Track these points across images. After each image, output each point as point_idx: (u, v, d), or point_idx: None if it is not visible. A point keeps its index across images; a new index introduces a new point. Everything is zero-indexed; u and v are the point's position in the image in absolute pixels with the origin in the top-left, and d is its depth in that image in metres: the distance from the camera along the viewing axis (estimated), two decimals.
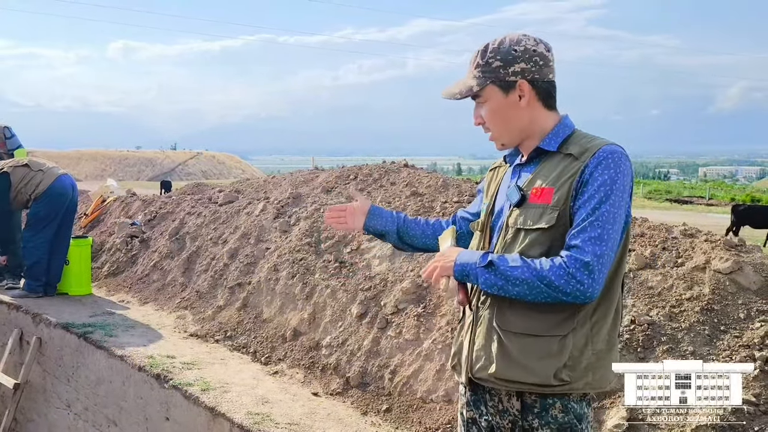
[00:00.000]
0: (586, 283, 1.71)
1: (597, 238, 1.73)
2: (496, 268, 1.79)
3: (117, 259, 7.24)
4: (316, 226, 5.54)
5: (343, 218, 2.32)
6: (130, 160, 45.61)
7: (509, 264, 1.78)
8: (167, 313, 5.79)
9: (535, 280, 1.74)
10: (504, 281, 1.78)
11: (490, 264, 1.80)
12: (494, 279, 1.79)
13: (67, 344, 5.26)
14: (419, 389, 3.87)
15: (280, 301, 5.07)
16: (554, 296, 1.74)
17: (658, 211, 19.17)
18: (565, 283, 1.72)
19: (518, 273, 1.76)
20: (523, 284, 1.75)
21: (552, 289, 1.73)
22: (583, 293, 1.72)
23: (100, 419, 4.90)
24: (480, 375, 1.90)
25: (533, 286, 1.75)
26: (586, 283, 1.71)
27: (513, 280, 1.76)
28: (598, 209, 1.75)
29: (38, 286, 6.22)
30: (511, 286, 1.77)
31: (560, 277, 1.72)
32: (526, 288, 1.75)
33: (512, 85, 1.88)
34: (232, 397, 4.00)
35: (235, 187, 7.72)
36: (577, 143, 1.87)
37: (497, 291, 1.80)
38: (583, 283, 1.71)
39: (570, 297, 1.73)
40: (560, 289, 1.72)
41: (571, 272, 1.71)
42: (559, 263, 1.73)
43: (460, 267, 1.87)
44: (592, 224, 1.74)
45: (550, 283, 1.73)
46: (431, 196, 5.53)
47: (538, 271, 1.74)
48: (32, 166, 6.29)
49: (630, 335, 3.37)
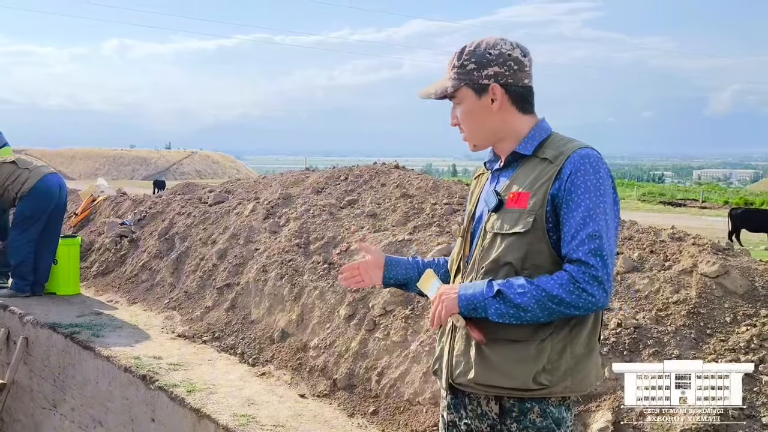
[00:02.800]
0: (598, 295, 1.71)
1: (598, 248, 1.73)
2: (504, 296, 1.75)
3: (106, 259, 7.21)
4: (306, 227, 5.53)
5: (358, 276, 2.18)
6: (124, 159, 45.55)
7: (517, 290, 1.75)
8: (155, 314, 5.76)
9: (545, 302, 1.72)
10: (515, 309, 1.75)
11: (499, 293, 1.76)
12: (505, 308, 1.76)
13: (53, 344, 5.22)
14: (406, 391, 3.85)
15: (268, 302, 5.05)
16: (566, 312, 1.74)
17: (651, 213, 19.24)
18: (576, 298, 1.71)
19: (527, 299, 1.73)
20: (535, 308, 1.73)
21: (564, 306, 1.72)
22: (595, 305, 1.73)
23: (87, 420, 4.87)
24: (460, 380, 1.90)
25: (545, 307, 1.73)
26: (597, 295, 1.71)
27: (524, 307, 1.74)
28: (589, 218, 1.74)
29: (26, 286, 6.18)
30: (523, 313, 1.74)
31: (571, 293, 1.71)
32: (538, 311, 1.73)
33: (485, 88, 1.88)
34: (218, 398, 3.98)
35: (226, 188, 7.70)
36: (552, 147, 1.86)
37: (508, 319, 1.76)
38: (594, 296, 1.71)
39: (582, 310, 1.74)
40: (572, 305, 1.72)
41: (582, 287, 1.71)
42: (567, 279, 1.72)
43: (466, 301, 1.81)
44: (590, 236, 1.73)
45: (561, 300, 1.72)
46: (421, 198, 5.52)
47: (547, 292, 1.72)
48: (19, 163, 6.25)
49: (616, 338, 3.36)
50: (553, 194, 1.79)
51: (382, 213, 5.44)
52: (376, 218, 5.38)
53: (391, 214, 5.36)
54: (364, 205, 5.69)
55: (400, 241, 4.80)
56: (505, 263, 1.82)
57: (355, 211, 5.62)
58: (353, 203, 5.80)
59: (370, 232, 5.14)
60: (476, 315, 1.81)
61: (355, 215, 5.52)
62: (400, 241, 4.80)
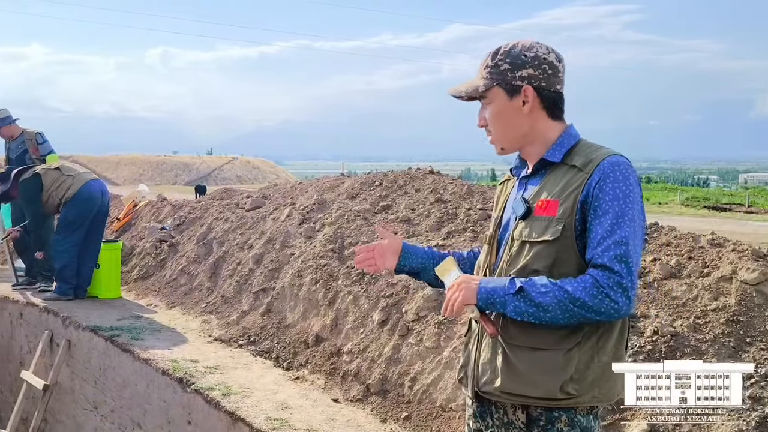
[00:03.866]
0: (621, 301, 1.69)
1: (624, 255, 1.70)
2: (526, 294, 1.73)
3: (146, 263, 7.35)
4: (340, 232, 5.56)
5: (372, 259, 2.14)
6: (167, 164, 46.31)
7: (539, 289, 1.73)
8: (193, 317, 5.86)
9: (567, 303, 1.70)
10: (535, 308, 1.73)
11: (520, 290, 1.74)
12: (525, 306, 1.74)
13: (95, 347, 5.34)
14: (439, 397, 3.84)
15: (303, 307, 5.09)
16: (587, 317, 1.72)
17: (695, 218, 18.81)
18: (599, 303, 1.69)
19: (549, 299, 1.71)
20: (556, 309, 1.71)
21: (585, 310, 1.70)
22: (617, 311, 1.70)
23: (126, 421, 4.97)
24: (486, 389, 1.88)
25: (566, 309, 1.71)
26: (620, 302, 1.69)
27: (544, 307, 1.72)
28: (617, 225, 1.72)
29: (69, 289, 6.34)
30: (543, 313, 1.73)
31: (594, 297, 1.69)
32: (559, 312, 1.71)
33: (517, 90, 1.87)
34: (252, 401, 4.02)
35: (263, 193, 7.78)
36: (581, 154, 1.84)
37: (527, 318, 1.75)
38: (617, 302, 1.69)
39: (604, 316, 1.71)
40: (594, 309, 1.70)
41: (605, 292, 1.68)
42: (591, 283, 1.70)
43: (485, 294, 1.78)
44: (616, 243, 1.71)
45: (584, 304, 1.69)
46: (456, 203, 5.50)
47: (569, 294, 1.70)
48: (63, 170, 6.43)
49: (653, 346, 3.30)
50: (582, 201, 1.77)
51: (416, 218, 5.44)
52: (410, 223, 5.38)
53: (425, 219, 5.36)
54: (398, 211, 5.70)
55: (434, 247, 4.78)
56: (532, 271, 1.80)
57: (389, 216, 5.63)
58: (387, 209, 5.81)
59: (404, 237, 5.15)
60: (493, 310, 1.80)
61: (389, 221, 5.53)
62: (433, 247, 4.79)
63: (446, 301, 1.85)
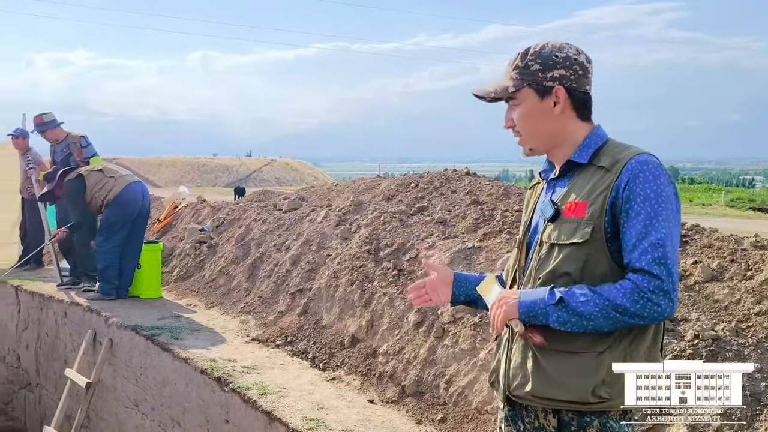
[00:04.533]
0: (663, 304, 1.67)
1: (662, 257, 1.68)
2: (566, 304, 1.72)
3: (186, 264, 7.47)
4: (376, 233, 5.57)
5: (425, 295, 2.12)
6: (207, 166, 46.96)
7: (579, 299, 1.72)
8: (231, 317, 5.93)
9: (609, 310, 1.69)
10: (578, 317, 1.72)
11: (561, 301, 1.73)
12: (567, 316, 1.73)
13: (136, 346, 5.45)
14: (474, 400, 3.82)
15: (339, 308, 5.12)
16: (630, 322, 1.70)
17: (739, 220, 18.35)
18: (641, 308, 1.67)
19: (591, 307, 1.70)
20: (598, 317, 1.70)
21: (628, 316, 1.69)
22: (661, 314, 1.68)
23: (166, 419, 5.05)
24: (517, 393, 1.87)
25: (608, 316, 1.69)
26: (663, 305, 1.67)
27: (587, 315, 1.70)
28: (651, 227, 1.70)
29: (111, 289, 6.47)
30: (586, 321, 1.71)
31: (635, 302, 1.67)
32: (601, 320, 1.70)
33: (548, 90, 1.85)
34: (289, 401, 4.05)
35: (300, 195, 7.85)
36: (608, 154, 1.82)
37: (570, 327, 1.73)
38: (660, 305, 1.67)
39: (647, 320, 1.70)
40: (637, 314, 1.68)
41: (647, 296, 1.67)
42: (632, 288, 1.68)
43: (526, 308, 1.78)
44: (653, 245, 1.69)
45: (626, 310, 1.68)
46: (492, 205, 5.47)
47: (610, 301, 1.69)
48: (106, 172, 6.58)
49: (693, 350, 3.23)
50: (612, 203, 1.75)
51: (452, 220, 5.43)
52: (446, 225, 5.37)
53: (461, 221, 5.34)
54: (434, 212, 5.69)
55: (470, 249, 4.77)
56: (562, 274, 1.79)
57: (425, 218, 5.63)
58: (423, 210, 5.81)
59: (439, 238, 5.14)
60: (536, 322, 1.78)
61: (425, 222, 5.53)
62: (469, 249, 4.78)
63: (491, 318, 1.86)
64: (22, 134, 8.17)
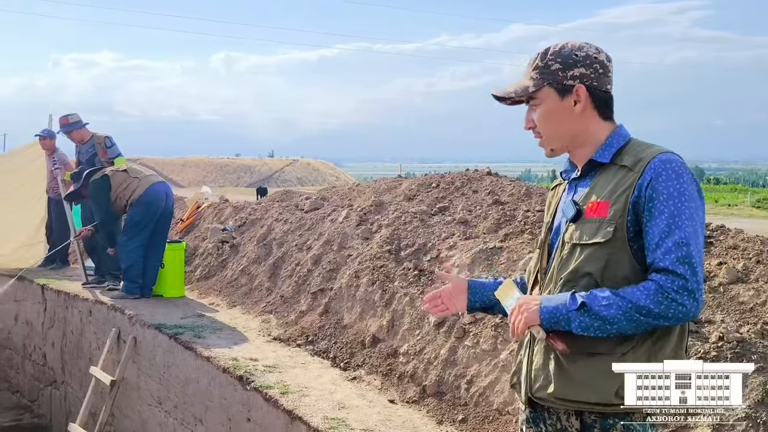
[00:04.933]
0: (688, 304, 1.65)
1: (686, 256, 1.66)
2: (589, 309, 1.70)
3: (209, 263, 7.53)
4: (397, 233, 5.57)
5: (441, 305, 2.15)
6: (230, 167, 47.32)
7: (602, 302, 1.69)
8: (253, 317, 5.97)
9: (633, 313, 1.67)
10: (601, 322, 1.69)
11: (583, 305, 1.71)
12: (589, 321, 1.71)
13: (159, 344, 5.50)
14: (495, 400, 3.81)
15: (360, 308, 5.13)
16: (655, 324, 1.68)
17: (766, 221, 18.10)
18: (665, 309, 1.65)
19: (614, 311, 1.68)
20: (621, 320, 1.68)
21: (652, 318, 1.67)
22: (686, 315, 1.67)
23: (188, 417, 5.10)
24: (539, 394, 1.86)
25: (632, 319, 1.68)
26: (688, 305, 1.65)
27: (610, 319, 1.68)
28: (674, 225, 1.68)
29: (135, 288, 6.54)
30: (609, 326, 1.69)
31: (659, 303, 1.65)
32: (625, 323, 1.68)
33: (569, 89, 1.84)
34: (310, 401, 4.06)
35: (321, 195, 7.88)
36: (630, 153, 1.80)
37: (593, 332, 1.71)
38: (685, 305, 1.65)
39: (672, 321, 1.68)
40: (661, 316, 1.66)
41: (672, 297, 1.65)
42: (655, 288, 1.66)
43: (548, 314, 1.76)
44: (677, 244, 1.67)
45: (650, 311, 1.66)
46: (514, 205, 5.45)
47: (633, 303, 1.67)
48: (130, 172, 6.66)
49: (718, 353, 3.19)
50: (634, 202, 1.74)
51: (473, 220, 5.41)
52: (467, 225, 5.35)
53: (483, 221, 5.32)
54: (455, 212, 5.68)
55: (491, 249, 4.75)
56: (584, 274, 1.78)
57: (446, 218, 5.62)
58: (444, 210, 5.80)
59: (460, 239, 5.13)
60: (558, 328, 1.76)
61: (446, 222, 5.52)
62: (490, 249, 4.76)
63: (511, 324, 1.84)
64: (49, 135, 8.28)
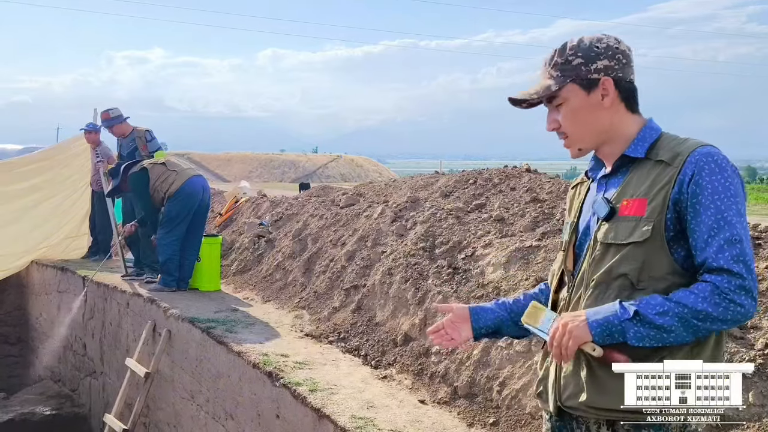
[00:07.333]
0: (747, 304, 1.56)
1: (740, 254, 1.57)
2: (642, 317, 1.60)
3: (245, 258, 7.55)
4: (432, 230, 5.47)
5: (447, 336, 2.07)
6: (274, 162, 47.79)
7: (656, 309, 1.59)
8: (286, 312, 5.94)
9: (689, 319, 1.57)
10: (656, 330, 1.59)
11: (636, 314, 1.60)
12: (645, 331, 1.60)
13: (192, 338, 5.51)
14: (528, 404, 3.69)
15: (392, 305, 5.05)
16: (713, 328, 1.59)
17: None
18: (724, 311, 1.56)
19: (669, 318, 1.58)
20: (679, 328, 1.58)
21: (710, 322, 1.57)
22: (745, 315, 1.57)
23: (219, 412, 5.09)
24: (569, 403, 1.75)
25: (689, 325, 1.58)
26: (747, 305, 1.56)
27: (666, 328, 1.58)
28: (724, 221, 1.58)
29: (172, 281, 6.59)
30: (666, 334, 1.59)
31: (717, 306, 1.56)
32: (683, 330, 1.58)
33: (595, 83, 1.74)
34: (339, 399, 4.00)
35: (358, 191, 7.82)
36: (667, 147, 1.69)
37: (649, 342, 1.61)
38: (743, 306, 1.56)
39: (731, 323, 1.58)
40: (719, 319, 1.57)
41: (730, 298, 1.55)
42: (711, 290, 1.56)
43: (599, 327, 1.63)
44: (729, 242, 1.57)
45: (708, 315, 1.56)
46: (552, 203, 5.30)
47: (690, 308, 1.57)
48: (168, 166, 6.71)
49: (764, 360, 3.02)
50: (675, 199, 1.63)
51: (510, 218, 5.28)
52: (504, 223, 5.22)
53: (520, 219, 5.18)
54: (491, 210, 5.55)
55: (528, 248, 4.62)
56: (618, 275, 1.67)
57: (482, 215, 5.50)
58: (481, 207, 5.68)
59: (496, 237, 5.00)
60: (611, 341, 1.64)
61: (482, 220, 5.39)
62: (527, 248, 4.63)
63: (555, 347, 1.69)
64: (94, 129, 8.42)
